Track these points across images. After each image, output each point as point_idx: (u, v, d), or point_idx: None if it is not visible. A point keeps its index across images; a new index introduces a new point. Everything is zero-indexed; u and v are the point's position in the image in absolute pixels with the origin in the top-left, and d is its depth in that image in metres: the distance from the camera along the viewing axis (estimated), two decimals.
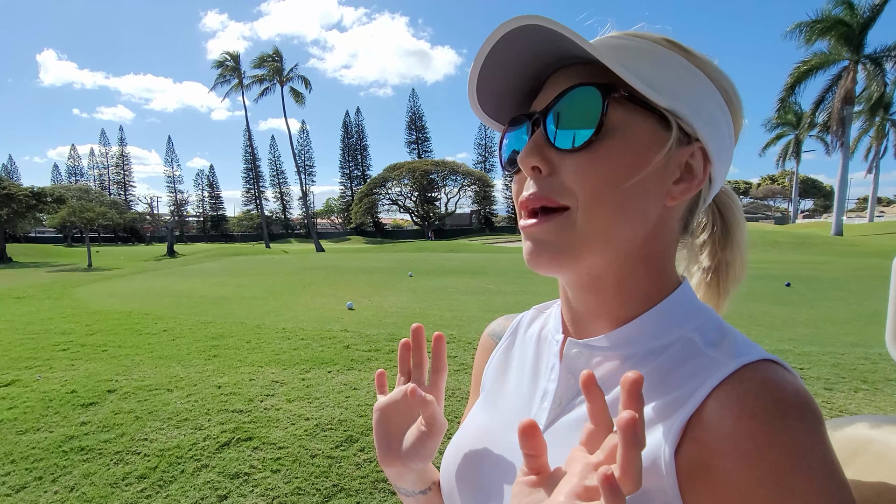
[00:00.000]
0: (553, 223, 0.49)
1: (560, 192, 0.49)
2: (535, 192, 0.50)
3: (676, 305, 0.53)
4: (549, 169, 0.50)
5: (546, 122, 0.50)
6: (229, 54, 50.03)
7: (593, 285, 0.53)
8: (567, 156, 0.49)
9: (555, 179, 0.49)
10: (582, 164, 0.48)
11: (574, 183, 0.48)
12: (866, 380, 4.22)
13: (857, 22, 25.04)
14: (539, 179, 0.50)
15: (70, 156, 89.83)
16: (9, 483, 2.84)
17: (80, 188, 67.51)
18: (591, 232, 0.48)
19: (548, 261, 0.50)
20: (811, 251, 21.06)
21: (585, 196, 0.48)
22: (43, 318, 7.47)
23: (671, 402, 0.46)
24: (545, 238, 0.50)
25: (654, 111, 0.48)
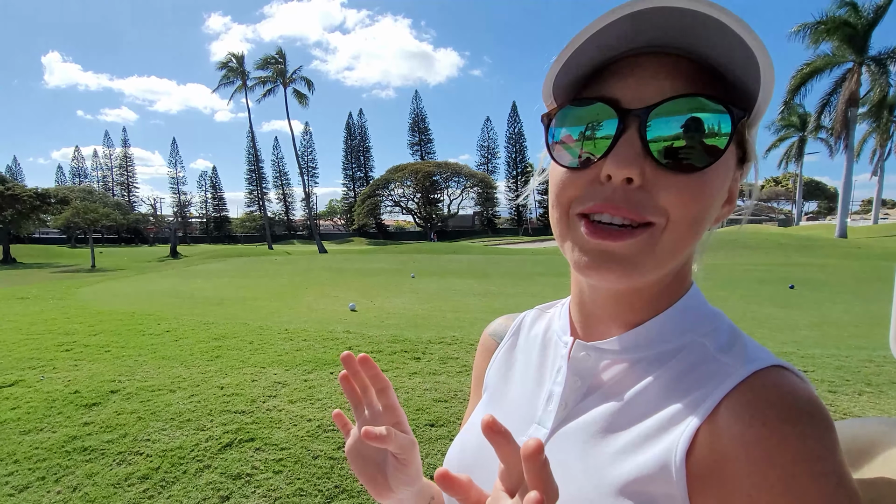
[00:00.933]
0: (637, 241, 0.45)
1: (649, 209, 0.44)
2: (621, 205, 0.44)
3: (688, 309, 0.52)
4: (642, 181, 0.44)
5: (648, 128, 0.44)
6: (234, 55, 50.20)
7: (629, 295, 0.52)
8: (667, 173, 0.44)
9: (645, 194, 0.44)
10: (685, 187, 0.44)
11: (671, 204, 0.44)
12: (870, 382, 4.20)
13: (862, 23, 24.99)
14: (627, 191, 0.44)
15: (74, 157, 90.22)
16: (12, 483, 2.84)
17: (84, 189, 67.72)
18: (670, 252, 0.46)
19: (617, 277, 0.46)
20: (815, 253, 20.97)
21: (679, 219, 0.44)
22: (46, 319, 7.49)
23: (682, 408, 0.45)
24: (623, 253, 0.45)
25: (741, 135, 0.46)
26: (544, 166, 0.61)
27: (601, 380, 0.53)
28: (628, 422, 0.48)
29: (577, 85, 0.49)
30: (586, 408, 0.52)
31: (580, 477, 0.48)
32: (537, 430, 0.55)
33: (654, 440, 0.45)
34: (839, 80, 27.22)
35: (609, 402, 0.51)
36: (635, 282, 0.47)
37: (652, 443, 0.45)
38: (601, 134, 0.46)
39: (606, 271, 0.46)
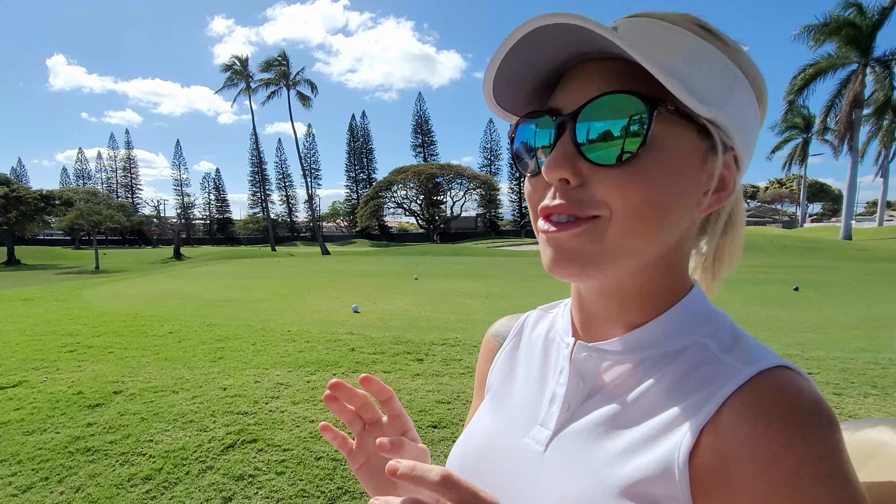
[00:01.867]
0: (580, 230, 0.46)
1: (591, 204, 0.46)
2: (563, 204, 0.47)
3: (689, 309, 0.52)
4: (580, 181, 0.46)
5: (576, 130, 0.46)
6: (237, 58, 50.39)
7: (616, 293, 0.52)
8: (602, 168, 0.45)
9: (585, 192, 0.46)
10: (619, 180, 0.45)
11: (609, 197, 0.45)
12: (876, 385, 4.17)
13: (867, 24, 24.90)
14: (566, 190, 0.47)
15: (78, 159, 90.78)
16: (15, 483, 2.85)
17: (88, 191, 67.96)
18: (622, 245, 0.46)
19: (573, 270, 0.48)
20: (819, 255, 20.89)
21: (621, 210, 0.45)
22: (50, 320, 7.52)
23: (685, 409, 0.45)
24: (572, 245, 0.47)
25: (694, 121, 0.45)
26: None
27: (603, 381, 0.53)
28: (631, 423, 0.48)
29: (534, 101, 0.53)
30: (589, 409, 0.52)
31: (583, 478, 0.48)
32: (540, 432, 0.55)
33: (657, 441, 0.45)
34: (844, 81, 27.14)
35: (612, 404, 0.51)
36: (594, 276, 0.48)
37: (655, 444, 0.45)
38: (544, 142, 0.49)
39: (562, 266, 0.48)
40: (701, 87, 0.44)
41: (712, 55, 0.46)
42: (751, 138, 0.50)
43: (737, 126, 0.47)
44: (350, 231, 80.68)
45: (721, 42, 0.47)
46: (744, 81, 0.47)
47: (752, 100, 0.48)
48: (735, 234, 0.58)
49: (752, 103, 0.48)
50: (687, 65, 0.45)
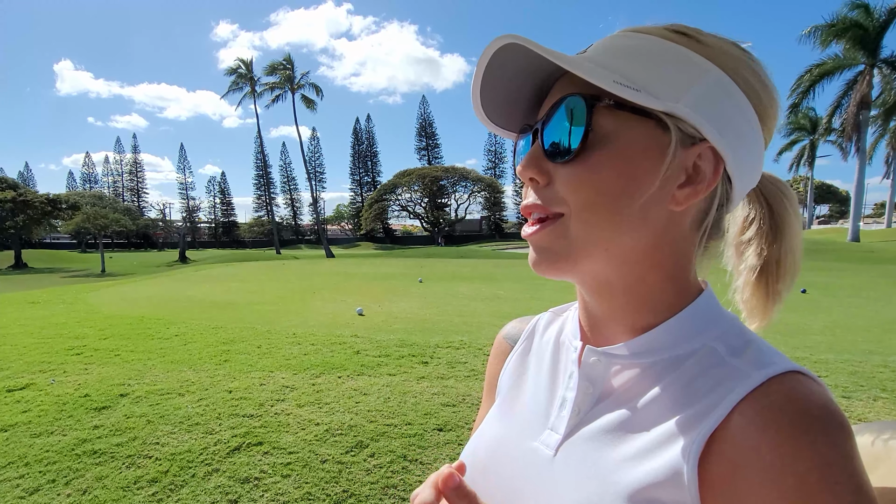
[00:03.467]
0: (547, 230, 0.50)
1: (553, 201, 0.50)
2: (531, 202, 0.51)
3: (698, 313, 0.52)
4: (546, 179, 0.50)
5: (543, 134, 0.51)
6: (242, 61, 50.63)
7: (603, 290, 0.53)
8: (560, 167, 0.49)
9: (550, 190, 0.50)
10: (573, 175, 0.48)
11: (566, 193, 0.49)
12: (885, 388, 4.13)
13: (874, 25, 24.73)
14: (537, 189, 0.51)
15: (85, 163, 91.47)
16: (22, 486, 2.86)
17: (94, 195, 68.49)
18: (585, 239, 0.49)
19: (546, 266, 0.52)
20: (827, 257, 20.75)
21: (576, 205, 0.48)
22: (57, 323, 7.56)
23: (694, 414, 0.45)
24: (542, 244, 0.51)
25: (650, 115, 0.46)
26: None
27: (612, 385, 0.53)
28: (640, 428, 0.48)
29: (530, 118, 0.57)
30: (598, 414, 0.52)
31: (592, 483, 0.47)
32: (550, 436, 0.55)
33: (665, 446, 0.45)
34: (850, 82, 26.95)
35: (621, 409, 0.50)
36: (566, 270, 0.51)
37: (663, 449, 0.45)
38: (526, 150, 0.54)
39: (537, 261, 0.52)
40: (650, 81, 0.46)
41: (673, 52, 0.48)
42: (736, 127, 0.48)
43: (705, 116, 0.46)
44: (354, 234, 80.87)
45: (693, 41, 0.48)
46: (715, 72, 0.47)
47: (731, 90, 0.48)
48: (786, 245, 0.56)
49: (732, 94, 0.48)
50: (636, 62, 0.48)
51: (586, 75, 0.44)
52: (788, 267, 0.57)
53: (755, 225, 0.57)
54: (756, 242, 0.56)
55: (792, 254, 0.56)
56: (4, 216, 33.91)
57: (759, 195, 0.57)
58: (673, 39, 0.48)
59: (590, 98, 0.47)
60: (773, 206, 0.57)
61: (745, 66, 0.49)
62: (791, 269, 0.57)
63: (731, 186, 0.51)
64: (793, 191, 0.58)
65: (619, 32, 0.51)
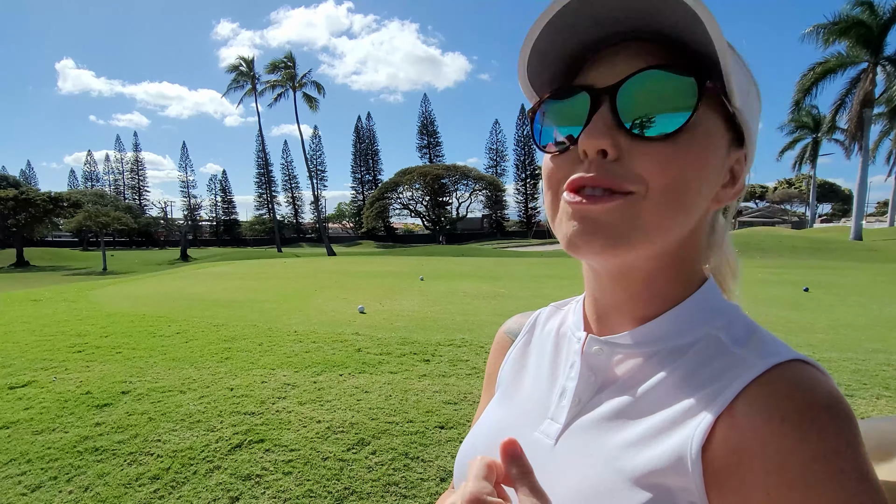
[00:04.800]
0: (616, 205, 0.45)
1: (627, 177, 0.45)
2: (597, 176, 0.45)
3: (702, 303, 0.52)
4: (617, 153, 0.45)
5: (618, 102, 0.45)
6: (243, 59, 50.67)
7: (624, 278, 0.52)
8: (640, 142, 0.45)
9: (622, 165, 0.45)
10: (659, 154, 0.44)
11: (648, 171, 0.45)
12: (888, 386, 4.12)
13: (877, 23, 24.62)
14: (602, 163, 0.46)
15: (86, 161, 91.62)
16: (24, 482, 2.86)
17: (96, 193, 68.72)
18: (653, 223, 0.46)
19: (601, 246, 0.46)
20: (830, 256, 20.73)
21: (658, 186, 0.45)
22: (59, 321, 7.57)
23: (698, 401, 0.45)
24: (606, 219, 0.45)
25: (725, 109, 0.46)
26: None
27: (615, 374, 0.53)
28: (643, 415, 0.48)
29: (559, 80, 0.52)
30: (600, 402, 0.52)
31: (594, 470, 0.47)
32: (550, 426, 0.54)
33: (669, 433, 0.45)
34: (853, 80, 26.86)
35: (623, 396, 0.50)
36: (621, 253, 0.47)
37: (667, 435, 0.45)
38: (577, 116, 0.48)
39: (591, 238, 0.46)
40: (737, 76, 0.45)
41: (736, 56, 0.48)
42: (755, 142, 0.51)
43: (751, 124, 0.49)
44: (356, 232, 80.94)
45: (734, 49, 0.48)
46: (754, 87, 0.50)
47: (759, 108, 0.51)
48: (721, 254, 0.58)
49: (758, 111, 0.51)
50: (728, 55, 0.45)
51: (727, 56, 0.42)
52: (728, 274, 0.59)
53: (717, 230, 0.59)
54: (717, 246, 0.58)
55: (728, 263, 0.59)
56: (7, 214, 34.00)
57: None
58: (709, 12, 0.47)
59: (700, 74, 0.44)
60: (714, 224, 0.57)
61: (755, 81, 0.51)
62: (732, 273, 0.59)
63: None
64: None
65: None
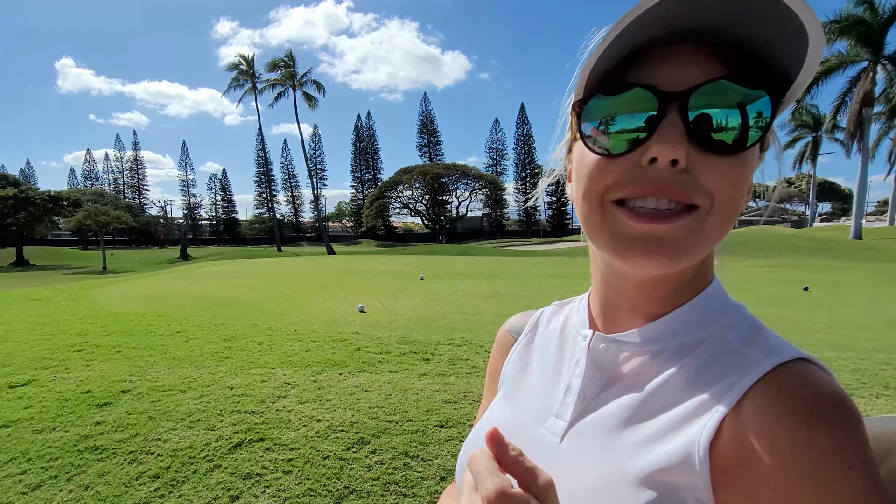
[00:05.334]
0: (685, 223, 0.44)
1: (697, 190, 0.44)
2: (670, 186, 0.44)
3: (709, 302, 0.52)
4: (686, 163, 0.44)
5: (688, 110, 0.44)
6: (243, 57, 50.62)
7: (654, 284, 0.51)
8: (709, 155, 0.44)
9: (690, 176, 0.44)
10: (728, 169, 0.44)
11: (716, 186, 0.44)
12: (888, 385, 4.12)
13: (878, 21, 24.60)
14: (673, 173, 0.44)
15: (86, 160, 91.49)
16: (25, 481, 2.86)
17: (96, 192, 68.59)
18: (712, 236, 0.46)
19: (665, 262, 0.46)
20: (829, 255, 20.72)
21: (723, 202, 0.45)
22: (59, 320, 7.57)
23: (705, 399, 0.45)
24: (671, 236, 0.45)
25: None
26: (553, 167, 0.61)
27: (621, 372, 0.53)
28: (649, 413, 0.48)
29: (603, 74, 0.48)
30: (605, 400, 0.52)
31: (600, 468, 0.47)
32: (555, 423, 0.54)
33: (676, 431, 0.45)
34: (854, 79, 26.84)
35: (629, 394, 0.50)
36: (681, 265, 0.47)
37: (674, 434, 0.45)
38: (640, 118, 0.45)
39: (656, 256, 0.45)
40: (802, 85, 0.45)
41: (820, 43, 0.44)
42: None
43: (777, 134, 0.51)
44: (356, 231, 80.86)
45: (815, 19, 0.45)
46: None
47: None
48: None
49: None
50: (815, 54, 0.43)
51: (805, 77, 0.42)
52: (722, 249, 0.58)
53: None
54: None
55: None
56: (6, 213, 33.98)
57: None
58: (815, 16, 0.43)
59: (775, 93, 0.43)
60: None
61: None
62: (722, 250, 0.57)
63: None
64: None
65: None
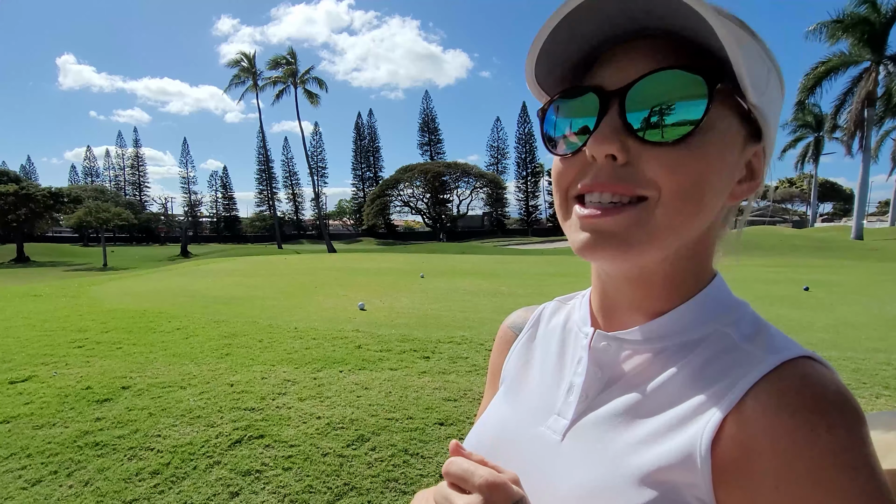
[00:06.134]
0: (628, 215, 0.45)
1: (639, 183, 0.44)
2: (609, 182, 0.45)
3: (711, 299, 0.51)
4: (626, 158, 0.45)
5: (626, 106, 0.45)
6: (244, 55, 50.59)
7: (642, 279, 0.51)
8: (651, 146, 0.44)
9: (633, 169, 0.45)
10: (671, 159, 0.44)
11: (660, 176, 0.44)
12: (888, 385, 4.12)
13: (881, 21, 24.53)
14: (612, 168, 0.45)
15: (86, 157, 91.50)
16: (25, 477, 2.86)
17: (97, 189, 68.65)
18: (666, 227, 0.45)
19: (612, 254, 0.46)
20: (830, 255, 20.72)
21: (671, 191, 0.44)
22: (59, 316, 7.58)
23: (707, 397, 0.44)
24: (614, 230, 0.45)
25: (740, 105, 0.45)
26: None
27: (622, 370, 0.53)
28: (651, 411, 0.47)
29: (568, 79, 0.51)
30: (607, 398, 0.52)
31: (601, 466, 0.47)
32: (557, 421, 0.54)
33: (678, 429, 0.44)
34: (855, 79, 26.78)
35: (631, 393, 0.50)
36: (633, 260, 0.47)
37: (676, 432, 0.44)
38: (587, 118, 0.47)
39: (601, 250, 0.46)
40: (751, 72, 0.44)
41: (754, 44, 0.46)
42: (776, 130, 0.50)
43: (769, 117, 0.47)
44: (356, 229, 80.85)
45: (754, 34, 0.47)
46: (775, 74, 0.48)
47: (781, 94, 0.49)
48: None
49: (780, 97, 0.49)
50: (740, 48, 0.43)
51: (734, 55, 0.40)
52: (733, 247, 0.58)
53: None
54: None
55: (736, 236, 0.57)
56: (7, 210, 34.01)
57: None
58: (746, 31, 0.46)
59: (710, 75, 0.42)
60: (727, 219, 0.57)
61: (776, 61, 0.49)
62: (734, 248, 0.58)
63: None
64: None
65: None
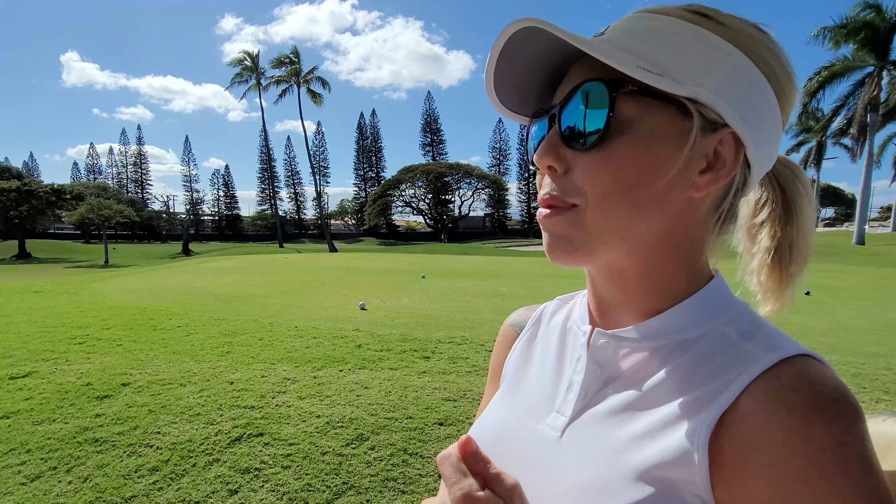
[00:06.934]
0: (562, 217, 0.49)
1: (570, 191, 0.48)
2: (548, 192, 0.50)
3: (708, 298, 0.51)
4: (564, 167, 0.49)
5: (560, 120, 0.49)
6: (247, 53, 50.66)
7: (616, 277, 0.52)
8: (580, 154, 0.48)
9: (568, 179, 0.49)
10: (592, 164, 0.47)
11: (584, 183, 0.47)
12: (888, 390, 4.12)
13: (885, 26, 24.49)
14: (554, 178, 0.50)
15: (89, 154, 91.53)
16: (24, 472, 2.87)
17: (99, 186, 68.78)
18: (602, 229, 0.48)
19: (562, 254, 0.50)
20: (832, 260, 20.68)
21: (594, 196, 0.47)
22: (60, 313, 7.59)
23: (704, 395, 0.44)
24: (557, 230, 0.50)
25: (672, 101, 0.45)
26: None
27: (621, 368, 0.53)
28: (649, 408, 0.48)
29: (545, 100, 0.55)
30: (606, 396, 0.52)
31: (599, 463, 0.47)
32: (556, 418, 0.54)
33: (675, 426, 0.45)
34: (858, 83, 26.74)
35: (629, 390, 0.50)
36: (582, 260, 0.51)
37: (673, 429, 0.45)
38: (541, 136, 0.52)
39: (553, 249, 0.50)
40: (671, 65, 0.45)
41: (693, 35, 0.46)
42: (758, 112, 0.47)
43: (727, 101, 0.45)
44: (358, 229, 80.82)
45: (713, 23, 0.47)
46: (736, 55, 0.46)
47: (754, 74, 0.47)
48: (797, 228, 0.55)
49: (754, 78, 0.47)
50: (657, 45, 0.46)
51: (608, 59, 0.43)
52: (801, 250, 0.56)
53: (767, 208, 0.57)
54: (769, 225, 0.56)
55: (804, 237, 0.56)
56: (9, 206, 34.08)
57: (771, 178, 0.57)
58: (693, 21, 0.47)
59: (611, 83, 0.45)
60: (785, 190, 0.56)
61: (765, 49, 0.47)
62: (804, 253, 0.56)
63: (749, 172, 0.50)
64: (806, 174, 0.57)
65: (636, 14, 0.49)
